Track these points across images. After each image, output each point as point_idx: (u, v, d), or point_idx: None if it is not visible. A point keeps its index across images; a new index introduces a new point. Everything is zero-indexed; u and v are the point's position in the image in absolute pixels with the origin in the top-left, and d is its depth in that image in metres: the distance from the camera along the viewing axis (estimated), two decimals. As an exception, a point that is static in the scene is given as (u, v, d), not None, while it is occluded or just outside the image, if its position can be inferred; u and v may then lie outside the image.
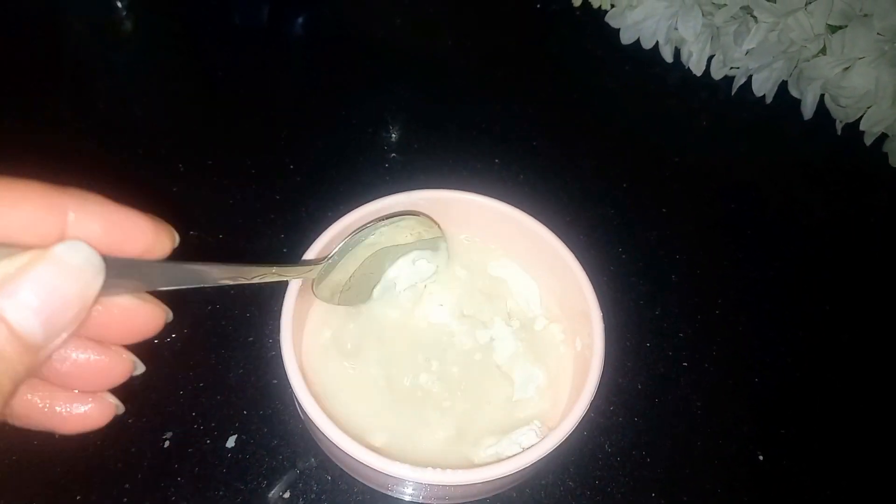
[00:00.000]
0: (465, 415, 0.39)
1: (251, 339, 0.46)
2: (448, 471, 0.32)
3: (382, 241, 0.39)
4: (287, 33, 0.67)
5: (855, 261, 0.56)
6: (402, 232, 0.40)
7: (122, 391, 0.26)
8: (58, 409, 0.24)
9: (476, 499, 0.39)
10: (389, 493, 0.39)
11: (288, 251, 0.50)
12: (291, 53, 0.66)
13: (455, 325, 0.42)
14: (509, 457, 0.34)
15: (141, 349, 0.26)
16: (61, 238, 0.22)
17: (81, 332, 0.23)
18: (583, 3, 0.68)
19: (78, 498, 0.39)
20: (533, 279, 0.45)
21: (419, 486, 0.35)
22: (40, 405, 0.24)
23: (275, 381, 0.44)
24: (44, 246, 0.21)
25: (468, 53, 0.67)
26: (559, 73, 0.66)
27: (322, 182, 0.54)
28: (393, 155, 0.57)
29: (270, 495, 0.41)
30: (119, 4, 0.64)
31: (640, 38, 0.66)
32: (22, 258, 0.20)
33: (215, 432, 0.42)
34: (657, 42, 0.66)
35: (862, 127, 0.60)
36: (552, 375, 0.41)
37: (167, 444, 0.41)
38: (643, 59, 0.66)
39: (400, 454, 0.36)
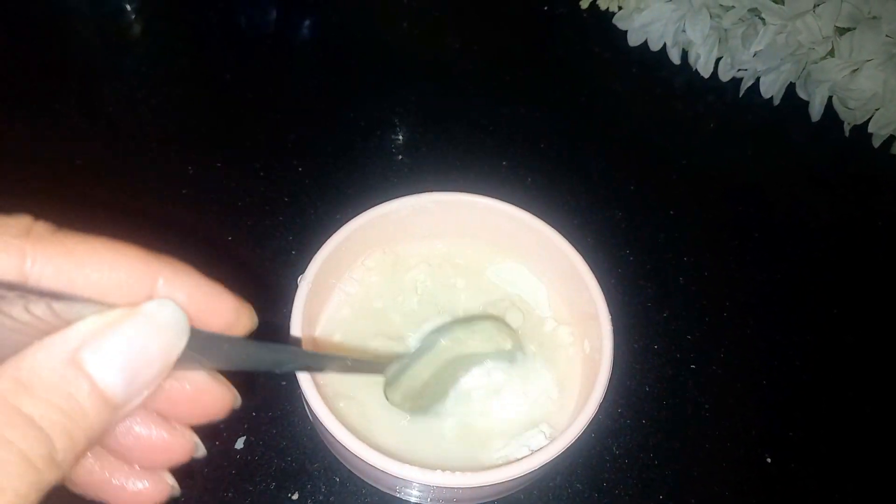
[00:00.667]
0: (475, 417, 0.39)
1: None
2: (458, 473, 0.33)
3: (457, 348, 0.38)
4: (294, 37, 0.67)
5: (862, 263, 0.56)
6: (477, 338, 0.39)
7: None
8: (114, 481, 0.24)
9: (485, 501, 0.39)
10: (397, 495, 0.39)
11: (296, 253, 0.50)
12: (298, 57, 0.66)
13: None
14: (518, 459, 0.34)
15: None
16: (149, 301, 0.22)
17: (150, 404, 0.23)
18: (590, 6, 0.68)
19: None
20: (541, 281, 0.45)
21: (428, 488, 0.35)
22: (98, 474, 0.23)
23: (284, 383, 0.44)
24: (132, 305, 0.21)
25: (475, 56, 0.67)
26: (566, 76, 0.66)
27: (330, 184, 0.54)
28: (400, 157, 0.57)
29: (279, 497, 0.41)
30: (128, 8, 0.65)
31: (648, 41, 0.66)
32: (111, 314, 0.20)
33: (224, 434, 0.43)
34: (665, 44, 0.66)
35: (870, 129, 0.60)
36: (561, 378, 0.41)
37: (177, 445, 0.42)
38: (651, 62, 0.66)
39: (409, 456, 0.36)
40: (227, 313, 0.24)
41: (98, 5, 0.65)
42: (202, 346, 0.22)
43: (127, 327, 0.20)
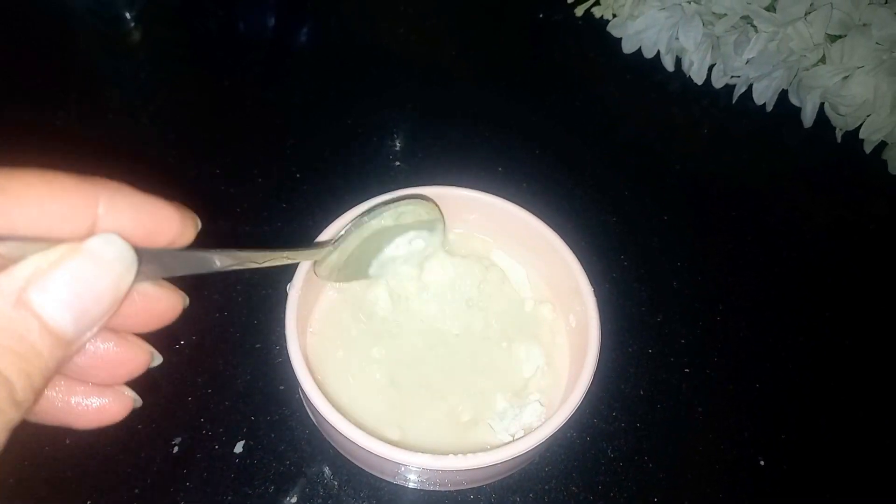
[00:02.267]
0: (472, 401, 0.40)
1: (258, 345, 0.46)
2: (469, 455, 0.33)
3: (380, 222, 0.40)
4: (292, 43, 0.68)
5: (855, 267, 0.57)
6: (403, 216, 0.40)
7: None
8: (74, 402, 0.24)
9: (498, 478, 0.41)
10: (396, 482, 0.40)
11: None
12: (297, 63, 0.67)
13: (453, 317, 0.43)
14: (522, 436, 0.35)
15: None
16: (92, 230, 0.22)
17: None
18: (585, 13, 0.69)
19: (88, 503, 0.40)
20: (520, 264, 0.46)
21: (433, 472, 0.36)
22: (56, 399, 0.24)
23: (282, 387, 0.45)
24: (76, 239, 0.21)
25: (471, 62, 0.68)
26: (562, 82, 0.67)
27: (328, 191, 0.55)
28: (398, 163, 0.58)
29: (278, 500, 0.41)
30: (127, 15, 0.65)
31: (642, 48, 0.67)
32: (55, 252, 0.20)
33: (223, 438, 0.43)
34: (658, 51, 0.66)
35: (861, 135, 0.61)
36: (549, 353, 0.42)
37: (176, 449, 0.42)
38: (644, 69, 0.67)
39: (414, 445, 0.37)
40: (173, 228, 0.24)
41: (98, 12, 0.66)
42: (146, 262, 0.22)
43: (73, 265, 0.20)
